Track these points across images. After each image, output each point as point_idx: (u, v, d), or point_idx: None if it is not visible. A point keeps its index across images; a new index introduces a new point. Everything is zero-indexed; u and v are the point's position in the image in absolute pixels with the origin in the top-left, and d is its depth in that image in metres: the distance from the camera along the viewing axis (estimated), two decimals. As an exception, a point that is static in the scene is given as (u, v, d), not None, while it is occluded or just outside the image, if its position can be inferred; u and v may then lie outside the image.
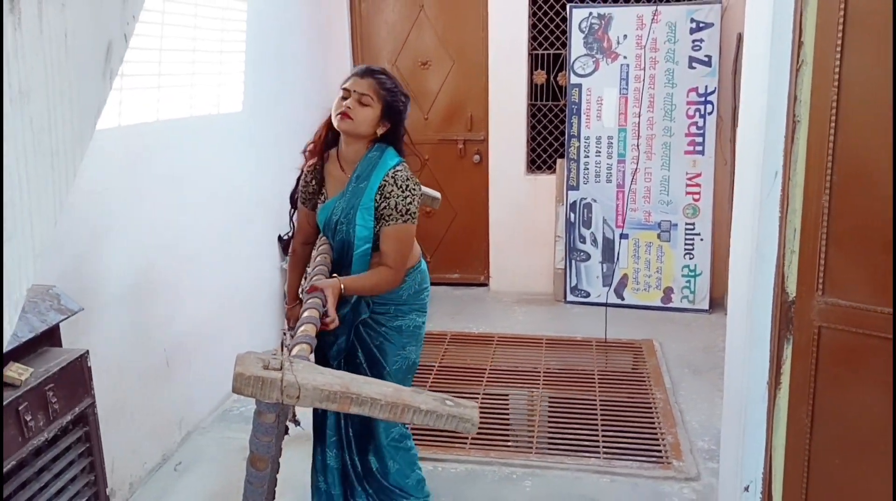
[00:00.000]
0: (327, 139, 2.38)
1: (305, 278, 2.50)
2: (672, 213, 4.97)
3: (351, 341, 2.41)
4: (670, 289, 5.04)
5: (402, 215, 2.26)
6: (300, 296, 2.55)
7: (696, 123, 4.84)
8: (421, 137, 5.06)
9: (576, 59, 4.92)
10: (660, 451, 3.24)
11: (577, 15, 4.87)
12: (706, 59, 4.75)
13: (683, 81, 4.80)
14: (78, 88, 1.08)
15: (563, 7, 5.00)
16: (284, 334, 2.66)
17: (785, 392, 1.81)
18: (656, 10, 4.72)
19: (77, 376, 1.55)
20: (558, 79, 5.16)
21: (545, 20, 5.10)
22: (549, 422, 3.56)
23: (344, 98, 2.25)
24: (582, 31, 4.89)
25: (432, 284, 2.63)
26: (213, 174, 3.63)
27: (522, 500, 2.90)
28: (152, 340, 3.14)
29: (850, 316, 1.66)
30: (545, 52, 5.15)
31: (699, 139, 4.85)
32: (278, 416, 1.61)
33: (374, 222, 2.27)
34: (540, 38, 5.14)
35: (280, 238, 4.46)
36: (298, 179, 2.47)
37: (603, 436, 3.37)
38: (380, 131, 2.29)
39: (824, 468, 1.78)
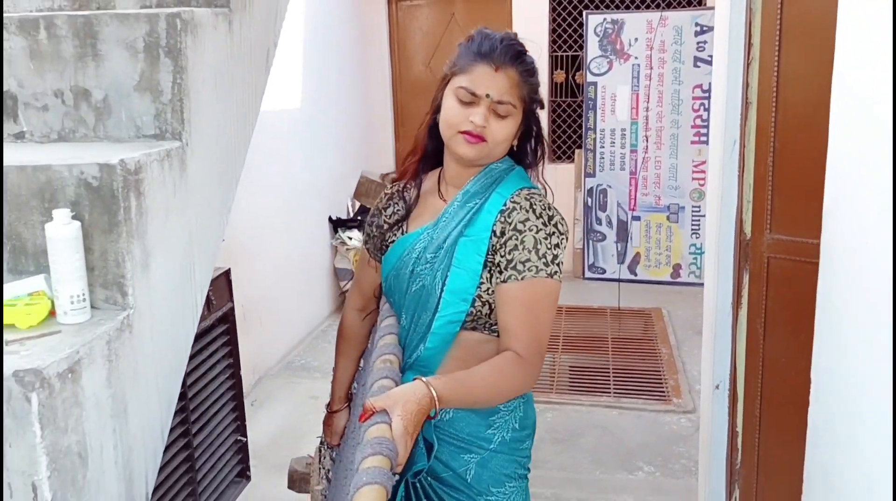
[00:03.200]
0: (426, 155, 1.52)
1: (360, 371, 1.70)
2: (679, 197, 5.50)
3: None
4: (679, 265, 5.57)
5: (546, 264, 1.35)
6: (350, 396, 1.74)
7: (701, 115, 5.37)
8: (452, 130, 5.65)
9: (592, 60, 5.48)
10: (663, 391, 3.79)
11: (593, 20, 5.43)
12: (709, 58, 5.27)
13: (689, 78, 5.33)
14: (255, 76, 1.68)
15: (580, 13, 5.56)
16: (321, 449, 1.80)
17: (745, 310, 2.36)
18: (663, 15, 5.27)
19: (225, 284, 2.13)
20: (576, 77, 5.73)
21: (564, 25, 5.67)
22: (569, 371, 4.11)
23: (465, 104, 1.38)
24: (597, 35, 5.44)
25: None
26: (278, 162, 4.24)
27: (544, 427, 3.47)
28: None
29: (790, 248, 2.21)
30: (564, 53, 5.72)
31: (703, 130, 5.38)
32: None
33: (486, 270, 1.38)
34: (559, 41, 5.71)
35: (330, 219, 5.07)
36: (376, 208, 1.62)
37: (614, 381, 3.93)
38: (515, 143, 1.48)
39: (774, 366, 2.32)
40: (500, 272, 1.36)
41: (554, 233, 1.37)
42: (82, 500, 1.06)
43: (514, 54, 1.41)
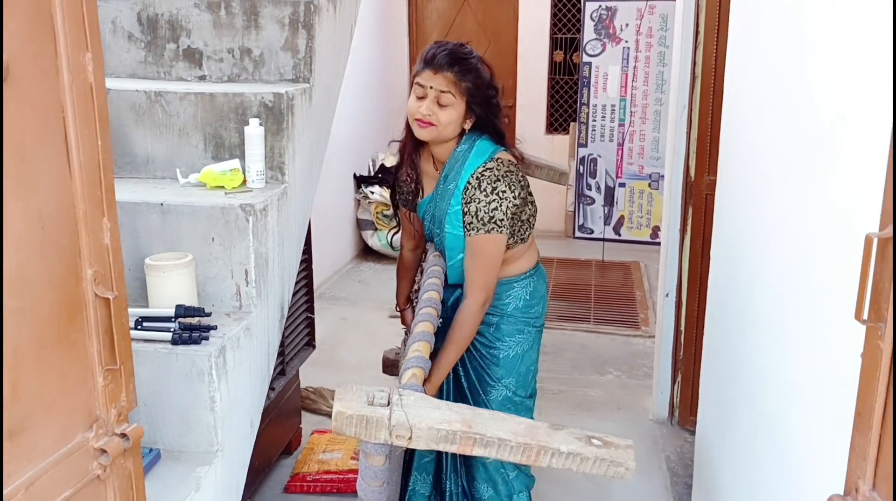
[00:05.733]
0: (413, 140, 2.04)
1: (415, 291, 2.37)
2: (660, 166, 6.24)
3: None
4: (657, 227, 6.32)
5: (483, 224, 1.90)
6: (412, 300, 2.42)
7: (682, 95, 6.10)
8: (462, 102, 6.40)
9: (587, 43, 6.20)
10: (634, 322, 4.57)
11: (590, 7, 6.15)
12: (690, 44, 6.00)
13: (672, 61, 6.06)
14: (345, 43, 2.42)
15: (579, 0, 6.28)
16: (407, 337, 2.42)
17: (689, 235, 3.12)
18: (651, 4, 5.99)
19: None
20: (573, 58, 6.47)
21: (563, 10, 6.41)
22: (557, 308, 4.88)
23: (418, 98, 1.90)
24: (593, 20, 6.16)
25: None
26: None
27: (535, 343, 4.23)
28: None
29: (722, 186, 2.96)
30: (563, 36, 6.46)
31: (683, 108, 6.12)
32: (388, 457, 1.38)
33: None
34: (559, 25, 6.44)
35: (354, 175, 5.82)
36: (393, 182, 2.22)
37: (594, 312, 4.71)
38: (467, 126, 1.96)
39: (707, 278, 3.09)
40: (464, 230, 1.95)
41: (494, 200, 1.90)
42: (266, 286, 1.82)
43: (449, 61, 1.89)
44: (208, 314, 1.63)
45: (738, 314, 1.93)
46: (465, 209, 1.91)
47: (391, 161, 6.29)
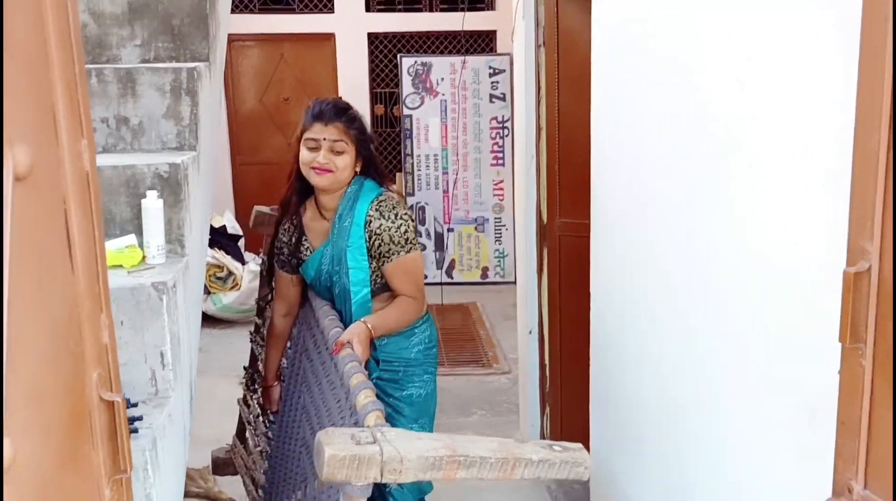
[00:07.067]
0: (297, 194, 2.21)
1: (286, 356, 2.39)
2: (484, 210, 6.58)
3: None
4: (486, 268, 6.63)
5: (402, 246, 2.10)
6: (280, 376, 2.44)
7: (498, 142, 6.50)
8: (285, 160, 6.33)
9: (406, 96, 6.43)
10: (485, 361, 4.74)
11: (406, 62, 6.39)
12: (502, 95, 6.43)
13: (486, 111, 6.45)
14: (217, 108, 2.35)
15: (395, 56, 6.51)
16: (249, 409, 2.57)
17: (545, 275, 3.33)
18: (464, 60, 6.36)
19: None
20: (394, 111, 6.67)
21: (381, 66, 6.61)
22: (407, 354, 4.94)
23: (311, 149, 2.07)
24: (410, 75, 6.41)
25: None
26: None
27: (396, 393, 4.25)
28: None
29: (571, 227, 3.20)
30: (383, 90, 6.65)
31: (500, 155, 6.51)
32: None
33: (370, 261, 2.12)
34: (378, 80, 6.63)
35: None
36: (271, 243, 2.31)
37: (446, 356, 4.82)
38: (358, 169, 2.16)
39: (568, 313, 3.31)
40: (380, 260, 2.11)
41: (401, 224, 2.11)
42: (180, 367, 1.71)
43: (336, 112, 2.10)
44: (135, 405, 1.50)
45: (638, 344, 2.10)
46: (377, 241, 2.09)
47: (219, 222, 6.07)
